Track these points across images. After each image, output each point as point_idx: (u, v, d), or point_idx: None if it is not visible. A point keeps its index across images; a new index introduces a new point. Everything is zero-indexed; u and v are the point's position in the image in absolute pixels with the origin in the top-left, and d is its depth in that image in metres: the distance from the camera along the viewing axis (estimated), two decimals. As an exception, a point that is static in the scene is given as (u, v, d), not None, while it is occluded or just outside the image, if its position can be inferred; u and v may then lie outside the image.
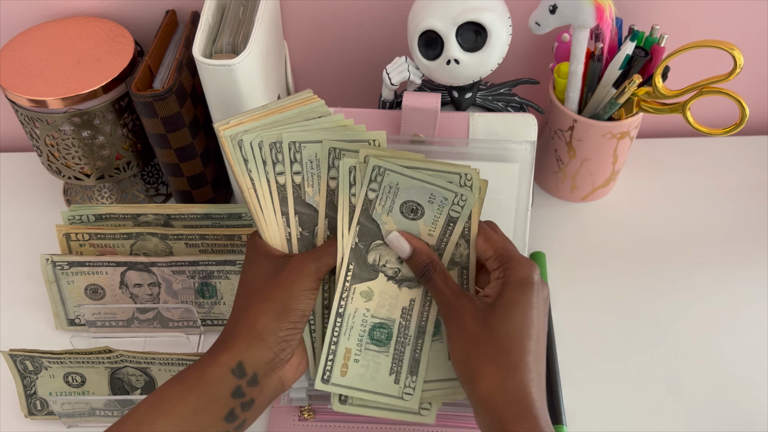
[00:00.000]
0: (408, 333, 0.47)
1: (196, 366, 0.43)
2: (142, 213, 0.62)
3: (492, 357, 0.41)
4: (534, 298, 0.42)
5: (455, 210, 0.45)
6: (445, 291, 0.44)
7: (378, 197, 0.45)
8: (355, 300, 0.46)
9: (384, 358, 0.47)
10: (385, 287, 0.47)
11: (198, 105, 0.63)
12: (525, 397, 0.40)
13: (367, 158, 0.45)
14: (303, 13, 0.70)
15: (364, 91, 0.77)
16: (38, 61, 0.61)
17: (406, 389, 0.47)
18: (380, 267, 0.47)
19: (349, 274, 0.46)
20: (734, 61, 0.55)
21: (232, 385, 0.42)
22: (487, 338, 0.42)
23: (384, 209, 0.46)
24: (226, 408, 0.42)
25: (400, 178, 0.45)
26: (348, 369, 0.46)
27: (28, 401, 0.57)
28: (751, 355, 0.61)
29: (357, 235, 0.46)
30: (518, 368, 0.41)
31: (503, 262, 0.44)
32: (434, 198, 0.45)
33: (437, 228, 0.46)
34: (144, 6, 0.68)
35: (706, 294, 0.65)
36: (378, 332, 0.47)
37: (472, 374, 0.42)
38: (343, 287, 0.46)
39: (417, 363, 0.47)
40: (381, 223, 0.46)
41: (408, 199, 0.45)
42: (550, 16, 0.58)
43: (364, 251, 0.46)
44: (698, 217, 0.72)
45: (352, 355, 0.47)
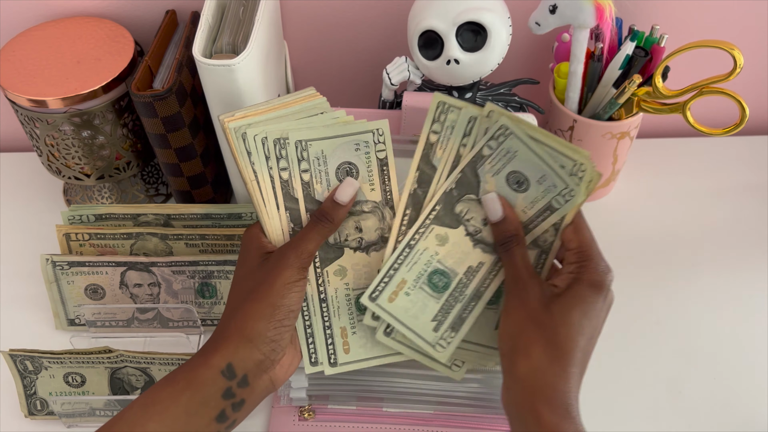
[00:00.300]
0: (465, 291, 0.47)
1: (186, 367, 0.43)
2: (142, 213, 0.62)
3: (544, 340, 0.41)
4: (600, 301, 0.43)
5: (558, 201, 0.45)
6: (520, 266, 0.44)
7: (492, 156, 0.45)
8: (428, 239, 0.47)
9: (433, 303, 0.47)
10: (460, 240, 0.47)
11: (198, 105, 0.63)
12: (562, 387, 0.40)
13: (492, 113, 0.45)
14: (303, 13, 0.70)
15: (364, 91, 0.77)
16: (38, 61, 0.61)
17: (441, 341, 0.47)
18: (464, 219, 0.47)
19: (432, 214, 0.46)
20: (734, 61, 0.55)
21: (223, 387, 0.42)
22: (545, 322, 0.42)
23: (492, 169, 0.45)
24: (217, 409, 0.42)
25: (522, 146, 0.44)
26: (397, 298, 0.47)
27: (28, 401, 0.57)
28: (751, 355, 0.61)
29: (456, 181, 0.46)
30: (565, 359, 0.41)
31: (582, 258, 0.44)
32: (545, 180, 0.45)
33: (534, 209, 0.46)
34: (144, 6, 0.68)
35: (706, 294, 0.65)
36: (437, 278, 0.47)
37: (517, 350, 0.42)
38: (423, 223, 0.46)
39: (461, 322, 0.47)
40: (483, 181, 0.46)
41: (519, 169, 0.45)
42: (550, 16, 0.58)
43: (456, 199, 0.46)
44: (698, 217, 0.72)
45: (405, 287, 0.47)
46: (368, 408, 0.57)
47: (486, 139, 0.45)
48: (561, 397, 0.40)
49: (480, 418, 0.56)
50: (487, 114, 0.45)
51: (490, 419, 0.56)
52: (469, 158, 0.45)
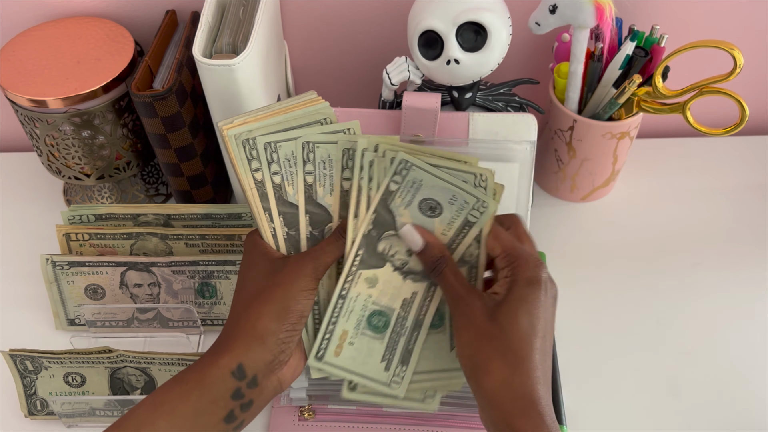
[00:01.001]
0: (405, 324, 0.48)
1: (196, 367, 0.43)
2: (142, 213, 0.62)
3: (500, 353, 0.41)
4: (542, 296, 0.42)
5: (474, 215, 0.46)
6: (456, 285, 0.44)
7: (399, 190, 0.46)
8: (359, 285, 0.47)
9: (378, 345, 0.47)
10: (390, 276, 0.47)
11: (198, 105, 0.63)
12: (531, 395, 0.40)
13: (386, 152, 0.45)
14: (303, 13, 0.70)
15: (364, 91, 0.77)
16: (38, 61, 0.61)
17: (395, 377, 0.48)
18: (389, 256, 0.47)
19: (357, 259, 0.46)
20: (734, 61, 0.55)
21: (232, 387, 0.42)
22: (495, 334, 0.42)
23: (403, 202, 0.46)
24: (226, 409, 0.42)
25: (425, 175, 0.45)
26: (342, 350, 0.47)
27: (28, 401, 0.57)
28: (751, 354, 0.61)
29: (371, 222, 0.46)
30: (525, 365, 0.41)
31: (511, 260, 0.44)
32: (455, 200, 0.45)
33: (452, 229, 0.46)
34: (144, 6, 0.68)
35: (706, 294, 0.65)
36: (376, 319, 0.47)
37: (478, 369, 0.42)
38: (350, 270, 0.46)
39: (409, 354, 0.48)
40: (397, 215, 0.46)
41: (429, 196, 0.46)
42: (550, 16, 0.58)
43: (376, 239, 0.47)
44: (698, 217, 0.72)
45: (348, 337, 0.47)
46: (368, 408, 0.57)
47: (390, 175, 0.45)
48: (532, 405, 0.40)
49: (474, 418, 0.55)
50: (382, 154, 0.46)
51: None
52: (378, 197, 0.46)
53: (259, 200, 0.46)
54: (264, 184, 0.46)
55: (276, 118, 0.46)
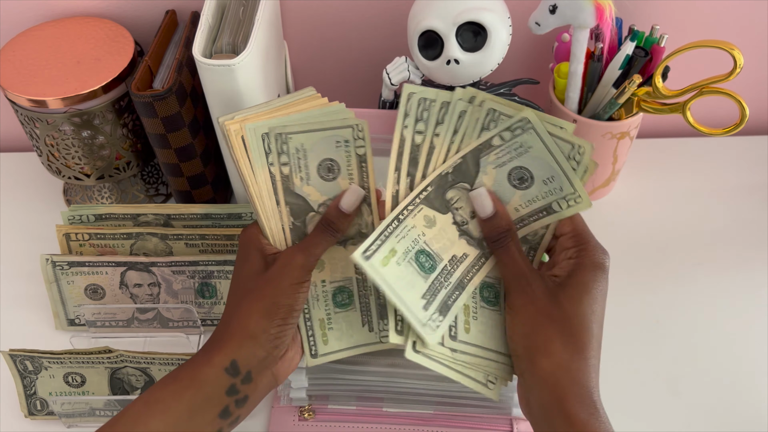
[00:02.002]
0: (449, 279, 0.45)
1: (189, 365, 0.43)
2: (142, 213, 0.62)
3: (560, 335, 0.40)
4: (604, 284, 0.42)
5: (560, 204, 0.44)
6: (519, 262, 0.43)
7: (501, 147, 0.43)
8: (417, 218, 0.45)
9: (421, 281, 0.45)
10: (447, 227, 0.46)
11: (198, 105, 0.63)
12: (587, 382, 0.40)
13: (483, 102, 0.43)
14: (303, 13, 0.70)
15: (364, 91, 0.77)
16: (38, 61, 0.61)
17: (431, 322, 0.45)
18: (453, 207, 0.46)
19: (423, 194, 0.45)
20: (734, 61, 0.55)
21: (227, 384, 0.42)
22: (556, 316, 0.41)
23: (497, 161, 0.44)
24: (221, 406, 0.42)
25: (538, 143, 0.43)
26: (389, 264, 0.44)
27: (28, 401, 0.57)
28: (751, 354, 0.61)
29: (453, 166, 0.44)
30: (585, 351, 0.40)
31: (579, 242, 0.43)
32: (551, 181, 0.43)
33: (529, 208, 0.44)
34: (144, 6, 0.68)
35: (706, 294, 0.65)
36: (424, 258, 0.45)
37: (535, 350, 0.41)
38: (412, 200, 0.45)
39: (447, 309, 0.45)
40: (482, 171, 0.44)
41: (527, 166, 0.44)
42: (550, 16, 0.58)
43: (449, 185, 0.45)
44: (698, 217, 0.72)
45: (395, 256, 0.44)
46: (368, 408, 0.57)
47: (500, 129, 0.43)
48: (587, 393, 0.39)
49: (480, 418, 0.56)
50: (479, 103, 0.44)
51: (490, 419, 0.56)
52: (474, 145, 0.44)
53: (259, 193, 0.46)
54: (275, 177, 0.46)
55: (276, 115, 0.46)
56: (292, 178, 0.47)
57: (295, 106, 0.47)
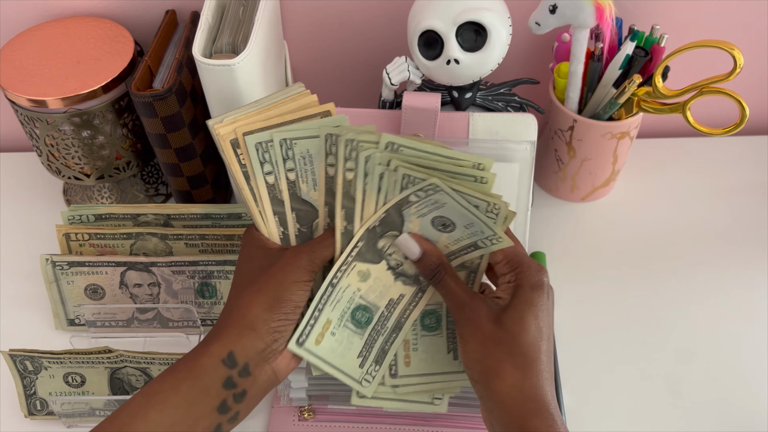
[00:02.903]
0: (386, 324, 0.48)
1: (187, 357, 0.43)
2: (142, 213, 0.62)
3: (510, 357, 0.42)
4: (545, 300, 0.43)
5: (484, 243, 0.46)
6: (458, 292, 0.45)
7: (418, 203, 0.45)
8: (351, 276, 0.47)
9: (357, 340, 0.48)
10: (382, 274, 0.47)
11: (198, 105, 0.62)
12: (542, 396, 0.41)
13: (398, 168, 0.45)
14: (303, 13, 0.70)
15: (364, 91, 0.77)
16: (38, 61, 0.61)
17: (367, 375, 0.48)
18: (386, 254, 0.47)
19: (355, 251, 0.46)
20: (734, 61, 0.55)
21: (223, 376, 0.42)
22: (503, 338, 0.42)
23: (418, 213, 0.46)
24: (218, 399, 0.42)
25: (451, 201, 0.45)
26: (323, 339, 0.47)
27: (28, 401, 0.57)
28: (751, 354, 0.61)
29: (380, 220, 0.46)
30: (535, 368, 0.41)
31: (514, 266, 0.45)
32: (472, 226, 0.45)
33: (458, 245, 0.47)
34: (144, 6, 0.68)
35: (706, 294, 0.65)
36: (360, 313, 0.48)
37: (489, 373, 0.42)
38: (345, 260, 0.46)
39: (384, 354, 0.48)
40: (407, 221, 0.46)
41: (446, 216, 0.46)
42: (550, 16, 0.58)
43: (378, 236, 0.47)
44: (698, 217, 0.72)
45: (330, 327, 0.47)
46: (368, 408, 0.56)
47: (415, 189, 0.45)
48: (544, 407, 0.40)
49: (480, 418, 0.56)
50: (394, 168, 0.45)
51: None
52: (394, 201, 0.46)
53: (252, 198, 0.46)
54: (277, 186, 0.46)
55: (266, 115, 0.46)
56: (299, 183, 0.47)
57: (285, 104, 0.47)
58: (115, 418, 0.41)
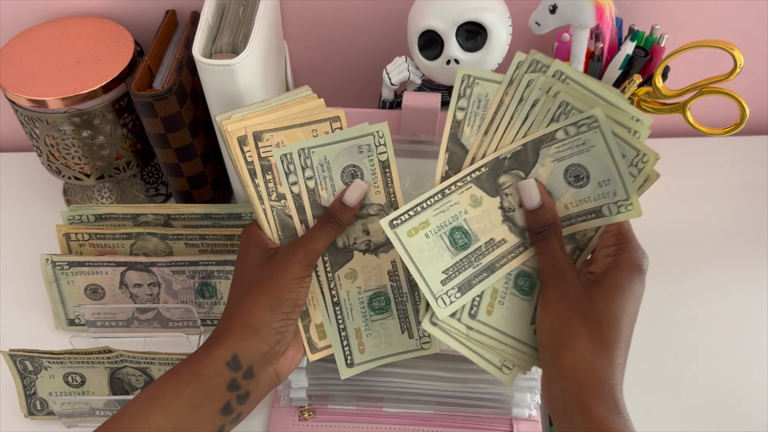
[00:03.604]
0: (480, 260, 0.46)
1: (191, 360, 0.43)
2: (142, 213, 0.62)
3: (588, 331, 0.40)
4: (639, 286, 0.42)
5: (611, 209, 0.43)
6: (559, 256, 0.43)
7: (564, 141, 0.43)
8: (463, 195, 0.45)
9: (448, 257, 0.45)
10: (492, 209, 0.46)
11: (198, 105, 0.62)
12: (610, 379, 0.40)
13: (558, 93, 0.43)
14: (303, 13, 0.70)
15: (364, 91, 0.77)
16: (38, 61, 0.61)
17: (445, 296, 0.45)
18: (503, 192, 0.46)
19: (476, 173, 0.45)
20: (734, 61, 0.55)
21: (228, 378, 0.42)
22: (587, 313, 0.41)
23: (557, 155, 0.44)
24: (222, 401, 0.42)
25: (601, 143, 0.42)
26: (416, 235, 0.45)
27: (27, 401, 0.57)
28: (751, 354, 0.61)
29: (512, 152, 0.44)
30: (610, 350, 0.40)
31: (620, 241, 0.43)
32: (607, 183, 0.43)
33: (578, 207, 0.44)
34: (144, 6, 0.68)
35: (706, 294, 0.65)
36: (459, 234, 0.46)
37: (561, 343, 0.41)
38: (462, 178, 0.45)
39: (469, 287, 0.46)
40: (540, 163, 0.44)
41: (585, 164, 0.43)
42: (550, 16, 0.58)
43: (504, 169, 0.45)
44: (698, 217, 0.72)
45: (427, 228, 0.45)
46: (368, 408, 0.56)
47: (566, 123, 0.43)
48: (609, 390, 0.39)
49: (480, 418, 0.56)
50: (554, 94, 0.43)
51: (490, 419, 0.56)
52: (537, 135, 0.43)
53: (256, 195, 0.46)
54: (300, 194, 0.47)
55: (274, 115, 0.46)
56: (318, 191, 0.47)
57: (292, 106, 0.47)
58: (117, 421, 0.41)
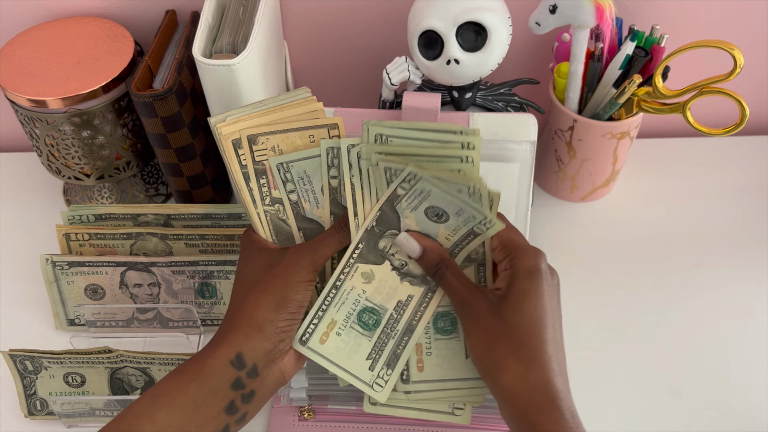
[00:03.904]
0: (396, 327, 0.47)
1: (195, 358, 0.43)
2: (142, 213, 0.62)
3: (511, 350, 0.41)
4: (544, 285, 0.42)
5: (480, 228, 0.45)
6: (459, 287, 0.44)
7: (406, 195, 0.45)
8: (354, 278, 0.46)
9: (366, 342, 0.46)
10: (387, 275, 0.47)
11: (198, 105, 0.62)
12: (548, 388, 0.39)
13: (379, 162, 0.45)
14: (303, 13, 0.70)
15: (364, 91, 0.77)
16: (38, 61, 0.61)
17: (378, 380, 0.47)
18: (389, 255, 0.46)
19: (356, 252, 0.46)
20: (734, 61, 0.55)
21: (232, 377, 0.42)
22: (503, 331, 0.41)
23: (409, 206, 0.45)
24: (226, 400, 0.42)
25: (433, 188, 0.44)
26: (328, 339, 0.46)
27: (28, 401, 0.57)
28: (751, 354, 0.61)
29: (376, 219, 0.46)
30: (538, 359, 0.40)
31: (509, 252, 0.44)
32: (462, 213, 0.45)
33: (457, 235, 0.46)
34: (144, 6, 0.68)
35: (706, 294, 0.65)
36: (367, 316, 0.47)
37: (493, 368, 0.41)
38: (347, 263, 0.46)
39: (396, 359, 0.47)
40: (402, 216, 0.46)
41: (436, 205, 0.45)
42: (550, 16, 0.58)
43: (378, 236, 0.46)
44: (698, 217, 0.72)
45: (335, 327, 0.46)
46: (368, 408, 0.56)
47: (398, 181, 0.45)
48: (552, 400, 0.39)
49: (480, 418, 0.56)
50: (376, 163, 0.45)
51: (490, 419, 0.56)
52: (384, 198, 0.45)
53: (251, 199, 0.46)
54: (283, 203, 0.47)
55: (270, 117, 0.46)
56: (301, 203, 0.47)
57: (290, 108, 0.47)
58: (122, 420, 0.41)
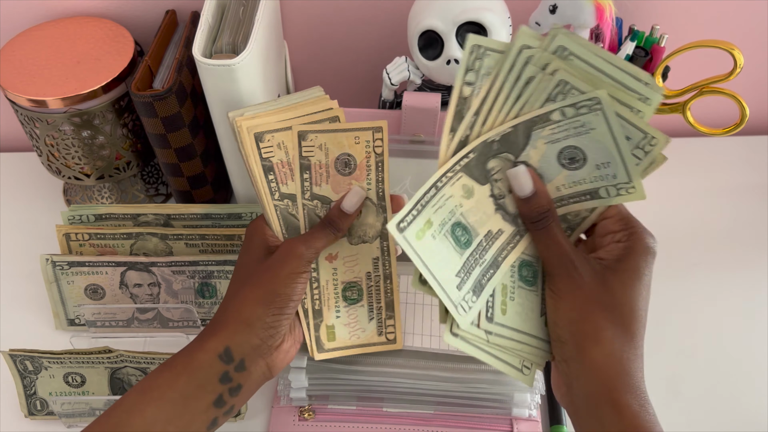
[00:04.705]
0: (484, 256, 0.43)
1: (184, 352, 0.43)
2: (142, 213, 0.62)
3: (612, 323, 0.39)
4: (652, 270, 0.40)
5: (609, 191, 0.41)
6: (564, 244, 0.41)
7: (559, 123, 0.40)
8: (455, 186, 0.42)
9: (456, 258, 0.42)
10: (484, 199, 0.42)
11: (198, 105, 0.62)
12: (637, 371, 0.38)
13: (556, 72, 0.39)
14: (303, 13, 0.70)
15: (364, 91, 0.77)
16: (38, 61, 0.61)
17: (463, 302, 0.42)
18: (492, 178, 0.42)
19: (464, 161, 0.41)
20: (734, 61, 0.55)
21: (220, 371, 0.42)
22: (605, 302, 0.39)
23: (550, 136, 0.40)
24: (215, 393, 0.42)
25: (603, 125, 0.39)
26: (424, 237, 0.41)
27: (28, 401, 0.57)
28: (751, 354, 0.61)
29: (501, 134, 0.41)
30: (635, 341, 0.39)
31: (628, 225, 0.41)
32: (605, 166, 0.40)
33: (571, 189, 0.42)
34: (144, 6, 0.68)
35: (706, 294, 0.65)
36: (460, 231, 0.42)
37: (584, 337, 0.39)
38: (452, 167, 0.41)
39: (481, 288, 0.43)
40: (531, 145, 0.41)
41: (582, 147, 0.40)
42: (550, 16, 0.58)
43: (493, 153, 0.42)
44: (698, 217, 0.72)
45: (431, 229, 0.41)
46: (368, 408, 0.56)
47: (564, 103, 0.40)
48: (637, 383, 0.38)
49: (480, 418, 0.56)
50: (551, 72, 0.39)
51: (490, 419, 0.56)
52: (530, 116, 0.40)
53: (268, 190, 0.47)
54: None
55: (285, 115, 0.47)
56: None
57: (303, 107, 0.47)
58: (111, 415, 0.41)
